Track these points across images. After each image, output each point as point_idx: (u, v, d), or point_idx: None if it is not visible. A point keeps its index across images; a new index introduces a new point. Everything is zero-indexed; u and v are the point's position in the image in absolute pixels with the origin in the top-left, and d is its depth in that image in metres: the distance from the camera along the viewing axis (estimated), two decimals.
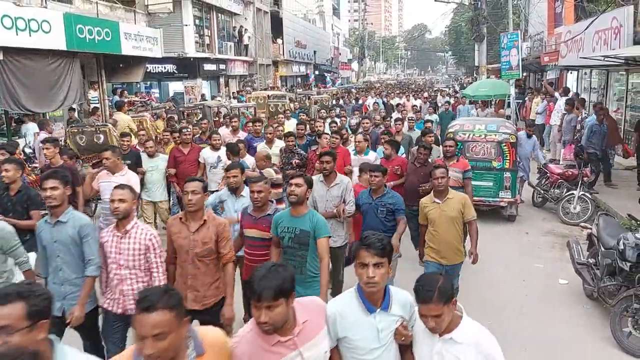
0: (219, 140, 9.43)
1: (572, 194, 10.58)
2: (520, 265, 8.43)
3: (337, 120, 13.63)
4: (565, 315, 6.84)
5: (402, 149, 10.01)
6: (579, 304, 7.17)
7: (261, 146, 9.87)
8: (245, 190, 6.10)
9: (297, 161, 9.13)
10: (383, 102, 25.31)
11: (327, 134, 9.68)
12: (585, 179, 10.78)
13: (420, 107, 21.15)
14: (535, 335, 6.30)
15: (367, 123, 11.67)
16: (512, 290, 7.49)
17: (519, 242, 9.58)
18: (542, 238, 9.76)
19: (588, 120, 13.49)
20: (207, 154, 9.34)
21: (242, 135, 11.07)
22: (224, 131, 11.44)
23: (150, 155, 9.13)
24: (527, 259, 8.67)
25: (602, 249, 6.74)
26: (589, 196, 10.67)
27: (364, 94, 31.04)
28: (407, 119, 13.66)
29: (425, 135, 10.16)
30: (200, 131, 12.07)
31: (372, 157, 8.66)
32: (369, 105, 23.52)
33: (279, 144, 9.93)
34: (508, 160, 10.45)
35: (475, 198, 10.64)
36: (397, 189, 7.62)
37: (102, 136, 11.16)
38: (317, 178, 6.46)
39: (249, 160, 8.63)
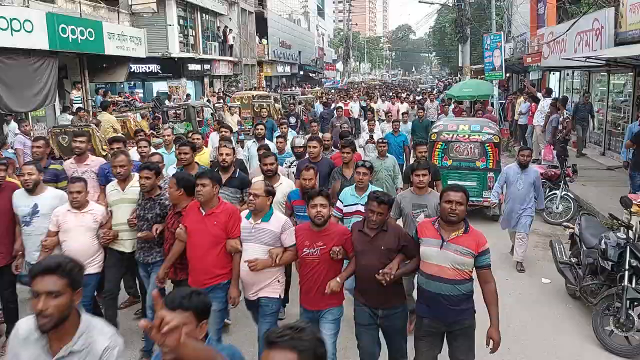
0: (145, 148, 8.11)
1: (555, 193, 10.68)
2: (503, 264, 8.50)
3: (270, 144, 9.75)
4: (548, 314, 6.90)
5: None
6: (561, 303, 7.24)
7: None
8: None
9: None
10: (362, 107, 24.42)
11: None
12: (567, 178, 10.88)
13: (407, 112, 19.23)
14: (518, 334, 6.35)
15: (314, 147, 7.79)
16: (497, 290, 7.53)
17: (502, 241, 9.62)
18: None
19: (631, 126, 11.81)
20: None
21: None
22: (215, 137, 11.23)
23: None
24: (510, 258, 8.73)
25: (584, 249, 6.81)
26: (572, 196, 10.78)
27: (339, 97, 27.86)
28: (392, 122, 13.41)
29: (414, 171, 6.10)
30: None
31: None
32: (351, 111, 22.31)
33: None
34: (491, 161, 10.53)
35: None
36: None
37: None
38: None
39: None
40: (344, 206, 6.08)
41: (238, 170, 7.00)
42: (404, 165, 12.03)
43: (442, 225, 4.57)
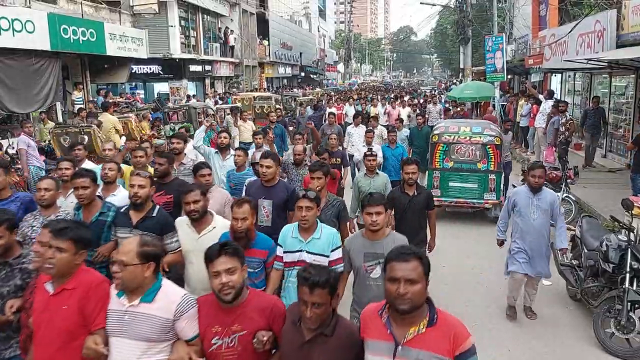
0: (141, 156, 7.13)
1: (557, 195, 10.65)
2: (505, 266, 8.47)
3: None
4: (548, 315, 6.89)
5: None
6: (562, 305, 7.23)
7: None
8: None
9: None
10: (358, 112, 20.27)
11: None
12: (569, 180, 10.87)
13: (410, 116, 18.93)
14: (519, 336, 6.34)
15: (267, 167, 6.04)
16: (496, 291, 7.53)
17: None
18: None
19: None
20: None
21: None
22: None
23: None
24: None
25: (585, 251, 6.81)
26: (573, 198, 10.76)
27: (333, 100, 24.69)
28: (388, 131, 11.54)
29: (365, 207, 4.68)
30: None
31: None
32: (345, 115, 20.66)
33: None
34: (493, 162, 10.55)
35: (460, 200, 10.81)
36: None
37: (86, 137, 11.07)
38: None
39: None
40: (284, 252, 4.69)
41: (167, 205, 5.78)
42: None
43: (393, 317, 2.86)
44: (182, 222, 4.94)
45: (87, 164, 7.28)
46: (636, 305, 5.88)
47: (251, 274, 4.30)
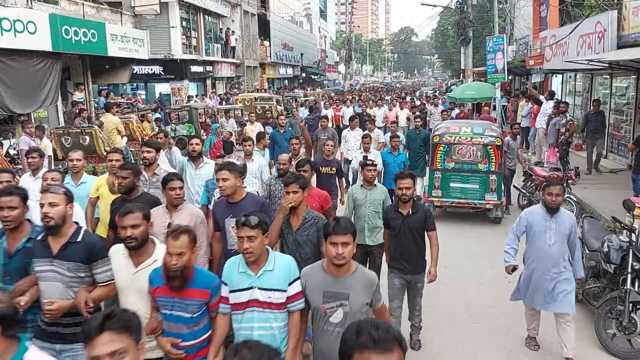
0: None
1: None
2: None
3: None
4: (550, 316, 6.88)
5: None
6: None
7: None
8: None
9: None
10: (358, 114, 19.34)
11: None
12: (570, 181, 10.87)
13: (409, 118, 18.30)
14: (521, 336, 6.34)
15: (223, 180, 5.23)
16: (497, 292, 7.53)
17: (502, 245, 9.63)
18: None
19: None
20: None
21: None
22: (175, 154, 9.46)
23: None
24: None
25: (587, 251, 6.81)
26: (574, 199, 10.77)
27: (332, 101, 24.28)
28: (390, 137, 11.20)
29: (329, 235, 3.69)
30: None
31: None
32: (342, 117, 19.89)
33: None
34: (494, 163, 10.57)
35: (461, 200, 10.82)
36: None
37: (87, 138, 11.08)
38: None
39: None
40: (231, 292, 3.83)
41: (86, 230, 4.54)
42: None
43: None
44: (117, 251, 4.09)
45: (49, 173, 6.17)
46: (638, 306, 5.87)
47: (189, 320, 3.77)
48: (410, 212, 5.75)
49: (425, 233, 5.88)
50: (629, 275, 5.90)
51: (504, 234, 10.12)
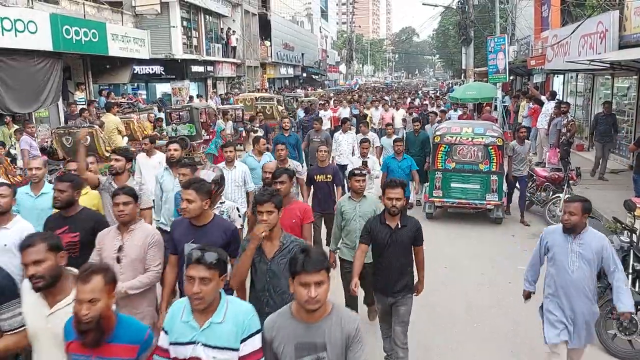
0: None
1: (558, 196, 10.66)
2: (507, 267, 8.45)
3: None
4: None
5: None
6: None
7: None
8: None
9: None
10: (354, 115, 19.96)
11: None
12: (571, 181, 10.86)
13: (405, 120, 17.77)
14: (522, 337, 6.33)
15: (188, 199, 4.46)
16: (498, 293, 7.53)
17: (506, 244, 9.63)
18: (529, 241, 9.78)
19: None
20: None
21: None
22: (143, 160, 8.65)
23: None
24: (513, 261, 8.69)
25: None
26: None
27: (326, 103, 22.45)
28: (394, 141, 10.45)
29: (297, 274, 3.03)
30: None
31: None
32: (339, 117, 18.46)
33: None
34: (495, 163, 10.55)
35: (462, 201, 10.81)
36: None
37: (88, 138, 11.06)
38: None
39: None
40: (171, 344, 3.14)
41: None
42: (409, 200, 9.82)
43: None
44: (28, 288, 3.32)
45: None
46: (638, 307, 5.86)
47: None
48: (400, 226, 5.04)
49: (412, 248, 5.18)
50: (630, 276, 5.90)
51: (505, 234, 10.19)
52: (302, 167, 9.85)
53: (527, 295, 5.39)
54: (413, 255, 5.20)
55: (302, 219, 5.35)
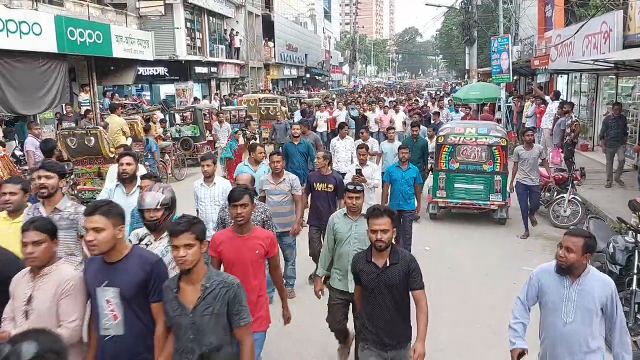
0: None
1: (563, 197, 10.64)
2: (511, 268, 8.45)
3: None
4: None
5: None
6: None
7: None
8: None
9: None
10: (353, 117, 19.26)
11: None
12: (575, 182, 10.84)
13: (405, 122, 16.97)
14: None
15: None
16: (502, 293, 7.51)
17: (510, 245, 9.62)
18: (533, 241, 9.80)
19: None
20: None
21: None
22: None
23: None
24: (517, 262, 8.69)
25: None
26: (579, 199, 10.73)
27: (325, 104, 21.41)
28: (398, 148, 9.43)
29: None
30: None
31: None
32: (337, 120, 17.56)
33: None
34: (499, 164, 10.54)
35: (465, 201, 10.80)
36: None
37: (93, 139, 11.09)
38: None
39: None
40: None
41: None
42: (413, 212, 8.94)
43: None
44: None
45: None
46: None
47: None
48: (388, 264, 4.07)
49: (410, 293, 4.15)
50: (635, 276, 5.88)
51: (509, 235, 10.17)
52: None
53: (520, 354, 4.23)
54: (411, 301, 4.17)
55: (266, 251, 4.48)
